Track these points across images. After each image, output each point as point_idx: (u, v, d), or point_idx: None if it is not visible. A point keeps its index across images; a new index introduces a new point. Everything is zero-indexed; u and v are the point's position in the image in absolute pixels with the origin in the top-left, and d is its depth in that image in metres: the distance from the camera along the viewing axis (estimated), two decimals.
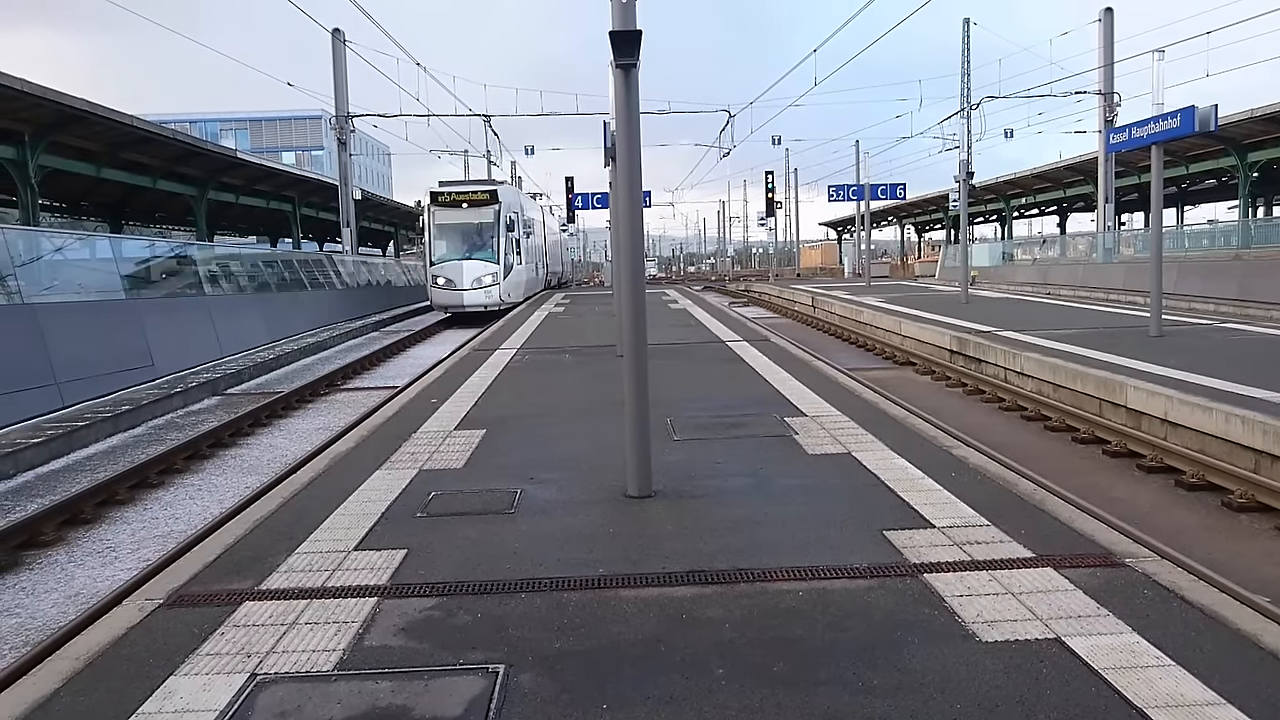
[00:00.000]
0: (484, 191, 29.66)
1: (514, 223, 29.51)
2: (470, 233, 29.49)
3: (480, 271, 28.73)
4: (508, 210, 29.51)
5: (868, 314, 23.16)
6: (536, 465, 7.57)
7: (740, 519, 5.96)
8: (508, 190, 30.83)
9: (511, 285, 29.85)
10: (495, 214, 29.23)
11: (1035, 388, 13.11)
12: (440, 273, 29.16)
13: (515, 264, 30.17)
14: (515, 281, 30.32)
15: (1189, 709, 3.50)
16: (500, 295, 28.90)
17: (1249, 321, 18.72)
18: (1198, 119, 13.63)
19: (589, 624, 4.44)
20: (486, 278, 28.65)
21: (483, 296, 28.69)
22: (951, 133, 49.33)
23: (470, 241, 29.32)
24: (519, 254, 30.66)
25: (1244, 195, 35.34)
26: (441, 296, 29.34)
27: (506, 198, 29.97)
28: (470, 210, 29.32)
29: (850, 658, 4.00)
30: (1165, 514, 7.99)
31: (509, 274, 29.50)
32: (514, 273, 30.02)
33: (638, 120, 6.61)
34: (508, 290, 29.41)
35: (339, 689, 3.85)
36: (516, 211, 30.57)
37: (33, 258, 17.48)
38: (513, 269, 29.88)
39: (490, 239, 29.18)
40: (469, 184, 31.16)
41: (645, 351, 6.73)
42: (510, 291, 29.62)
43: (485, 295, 28.66)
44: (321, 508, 6.50)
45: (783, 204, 65.35)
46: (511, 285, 29.85)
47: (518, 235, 30.34)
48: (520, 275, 30.97)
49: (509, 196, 30.45)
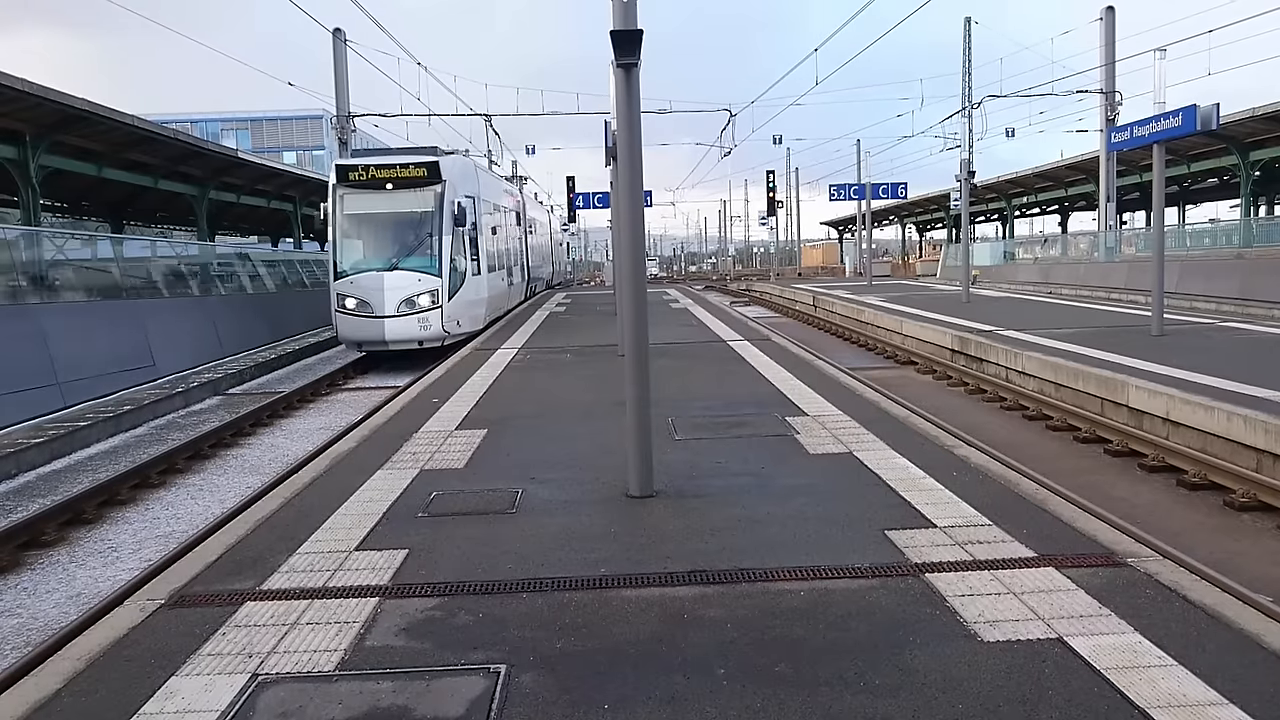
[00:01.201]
0: (418, 165, 18.54)
1: (465, 212, 18.59)
2: (396, 229, 18.76)
3: (411, 289, 18.05)
4: (456, 193, 18.68)
5: (869, 313, 23.15)
6: (538, 465, 7.57)
7: (742, 519, 5.96)
8: (457, 164, 19.69)
9: (463, 307, 19.04)
10: (436, 199, 18.38)
11: (1037, 387, 13.10)
12: (349, 291, 18.13)
13: (471, 273, 19.42)
14: (470, 300, 19.46)
15: (1191, 709, 3.50)
16: (443, 324, 18.26)
17: (1251, 321, 18.70)
18: (1199, 118, 13.61)
19: (590, 624, 4.44)
20: (422, 298, 18.02)
21: (415, 327, 18.08)
22: (953, 132, 49.41)
23: (396, 242, 18.61)
24: (477, 258, 19.88)
25: (1246, 194, 35.27)
26: (351, 327, 18.37)
27: (454, 174, 18.98)
28: (397, 195, 18.54)
29: (852, 657, 4.00)
30: (1167, 513, 7.98)
31: (459, 290, 18.75)
32: (468, 288, 19.24)
33: (639, 119, 6.61)
34: (457, 315, 18.74)
35: (340, 689, 3.85)
36: (471, 195, 19.77)
37: (34, 258, 17.49)
38: (465, 283, 19.08)
39: (427, 238, 18.37)
40: (396, 154, 19.65)
41: (646, 351, 6.73)
42: (462, 316, 19.04)
43: (420, 325, 18.08)
44: (323, 508, 6.50)
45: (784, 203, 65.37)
46: (463, 307, 19.04)
47: (473, 229, 19.59)
48: (479, 289, 20.10)
49: (459, 172, 19.43)
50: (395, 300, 17.93)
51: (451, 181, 18.59)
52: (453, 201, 18.32)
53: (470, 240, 19.47)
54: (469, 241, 19.39)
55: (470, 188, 19.96)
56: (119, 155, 22.76)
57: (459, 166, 19.76)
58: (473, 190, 20.09)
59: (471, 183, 20.37)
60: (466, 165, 20.79)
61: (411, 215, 18.61)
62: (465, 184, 19.57)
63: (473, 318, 19.75)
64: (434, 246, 18.33)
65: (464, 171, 20.04)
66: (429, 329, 18.17)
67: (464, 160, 21.04)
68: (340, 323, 18.50)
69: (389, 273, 18.11)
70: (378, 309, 17.91)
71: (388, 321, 17.95)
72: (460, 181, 19.18)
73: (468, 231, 19.16)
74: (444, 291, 18.20)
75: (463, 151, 23.51)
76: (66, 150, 20.62)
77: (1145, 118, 15.23)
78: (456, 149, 24.72)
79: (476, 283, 19.89)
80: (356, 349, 19.18)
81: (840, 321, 25.52)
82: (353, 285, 18.11)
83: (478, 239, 19.99)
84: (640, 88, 6.50)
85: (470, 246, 19.52)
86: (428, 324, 18.14)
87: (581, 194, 28.45)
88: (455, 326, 18.66)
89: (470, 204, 19.26)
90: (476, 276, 19.84)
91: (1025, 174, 46.88)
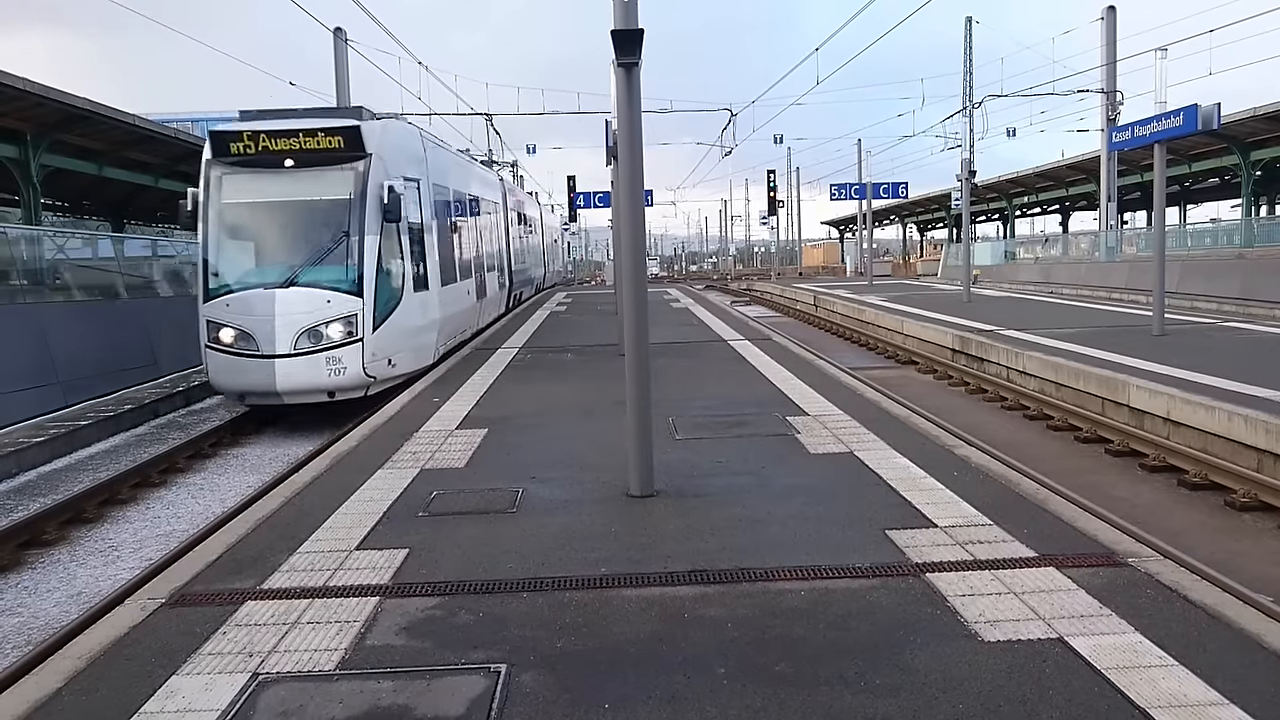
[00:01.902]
0: (330, 133, 12.67)
1: (401, 202, 12.70)
2: (296, 225, 12.86)
3: (315, 314, 12.20)
4: (388, 173, 12.86)
5: (870, 313, 23.14)
6: (538, 464, 7.57)
7: (742, 518, 5.96)
8: (392, 133, 13.86)
9: (399, 337, 13.07)
10: (357, 182, 12.61)
11: (1038, 387, 13.09)
12: (225, 316, 12.34)
13: (412, 287, 13.49)
14: (411, 327, 13.38)
15: (1192, 709, 3.49)
16: (366, 364, 12.41)
17: (1252, 320, 18.69)
18: (1200, 117, 13.61)
19: (591, 623, 4.44)
20: (332, 328, 12.22)
21: (322, 371, 12.23)
22: (954, 131, 49.47)
23: (296, 245, 12.67)
24: (422, 265, 13.99)
25: (1247, 194, 35.28)
26: (227, 370, 12.42)
27: (387, 147, 13.22)
28: (300, 176, 12.73)
29: (852, 657, 4.00)
30: (1168, 513, 7.98)
31: (393, 313, 12.90)
32: (407, 309, 13.26)
33: (640, 119, 6.61)
34: (389, 349, 12.83)
35: (341, 688, 3.85)
36: (415, 177, 14.05)
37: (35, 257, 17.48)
38: (404, 301, 13.18)
39: (343, 239, 12.52)
40: (300, 117, 13.24)
41: (647, 350, 6.73)
42: (399, 350, 13.05)
43: (329, 368, 12.25)
44: (323, 507, 6.50)
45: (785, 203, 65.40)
46: (399, 337, 13.07)
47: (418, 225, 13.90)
48: (426, 309, 13.97)
49: (394, 145, 13.69)
50: (291, 331, 11.84)
51: (381, 157, 12.64)
52: (381, 185, 12.36)
53: (414, 241, 13.40)
54: (411, 243, 13.29)
55: (414, 167, 14.03)
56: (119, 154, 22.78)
57: (395, 137, 13.64)
58: (417, 170, 14.14)
59: (415, 160, 14.25)
60: (406, 136, 14.53)
61: (319, 206, 12.50)
62: (405, 161, 13.69)
63: (417, 349, 13.49)
64: (353, 251, 12.20)
65: (402, 144, 13.99)
66: (344, 373, 12.07)
67: (402, 128, 14.77)
68: (212, 363, 12.27)
69: (283, 290, 11.95)
70: (265, 344, 11.80)
71: (281, 364, 11.79)
72: (396, 157, 13.27)
73: (408, 228, 13.21)
74: (366, 316, 12.14)
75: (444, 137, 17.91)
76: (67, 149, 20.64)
77: (1146, 117, 15.23)
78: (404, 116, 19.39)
79: (423, 301, 13.66)
80: (237, 400, 13.05)
81: (841, 321, 25.52)
82: (230, 308, 12.09)
83: (426, 238, 13.99)
84: (641, 87, 6.51)
85: (414, 249, 13.39)
86: (341, 366, 12.03)
87: (582, 193, 28.40)
88: (386, 367, 12.62)
89: (413, 190, 13.60)
90: (422, 292, 13.66)
91: (1026, 173, 46.88)
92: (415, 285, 13.49)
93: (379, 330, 12.47)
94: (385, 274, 12.74)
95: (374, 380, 12.65)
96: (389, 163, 12.92)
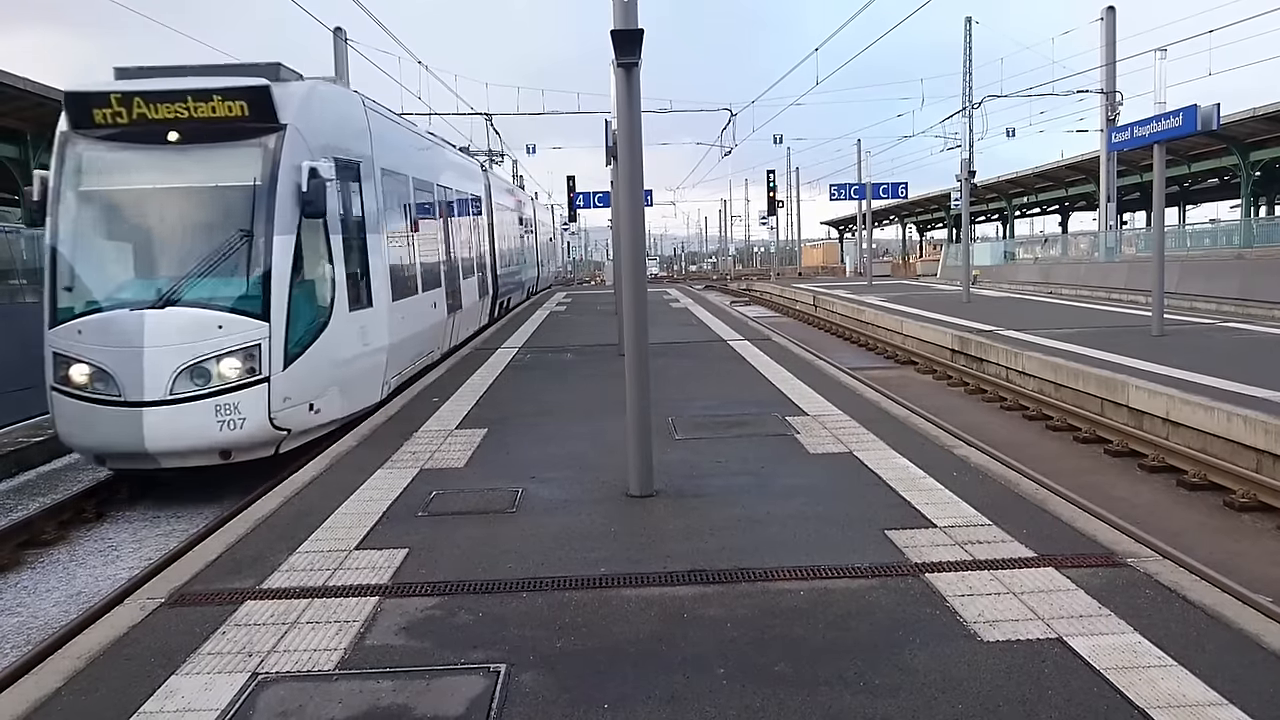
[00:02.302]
0: (229, 96, 9.00)
1: (323, 191, 9.04)
2: (180, 222, 9.20)
3: (201, 344, 8.55)
4: (312, 152, 9.26)
5: (869, 313, 23.15)
6: (538, 464, 7.57)
7: (742, 518, 5.96)
8: (317, 99, 9.90)
9: (329, 372, 9.47)
10: (266, 164, 9.04)
11: (1037, 387, 13.10)
12: (78, 347, 8.63)
13: (349, 305, 9.92)
14: (344, 357, 9.79)
15: (1191, 709, 3.50)
16: (274, 413, 8.81)
17: (1251, 321, 18.69)
18: (1200, 118, 13.62)
19: (590, 623, 4.44)
20: (226, 363, 8.61)
21: (211, 425, 8.57)
22: (953, 131, 49.49)
23: (179, 249, 9.05)
24: (362, 271, 10.38)
25: (1246, 194, 35.30)
26: (80, 421, 8.68)
27: (310, 116, 9.55)
28: (187, 155, 9.09)
29: (852, 657, 4.00)
30: (1167, 513, 7.98)
31: (318, 339, 9.32)
32: (339, 334, 9.67)
33: (639, 119, 6.61)
34: (314, 389, 9.27)
35: (340, 688, 3.85)
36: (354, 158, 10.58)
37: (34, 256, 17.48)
38: (333, 324, 9.58)
39: (242, 241, 8.91)
40: (190, 75, 9.34)
41: (647, 350, 6.73)
42: (327, 391, 9.46)
43: (222, 419, 8.59)
44: (323, 507, 6.51)
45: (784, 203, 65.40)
46: (329, 372, 9.47)
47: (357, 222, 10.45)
48: (368, 333, 10.38)
49: (322, 114, 9.93)
50: (167, 368, 8.45)
51: (301, 130, 9.17)
52: (300, 168, 8.92)
53: (351, 242, 10.03)
54: (347, 245, 9.90)
55: (352, 145, 10.54)
56: None
57: (324, 104, 9.97)
58: (358, 149, 10.66)
59: (354, 136, 10.74)
60: (342, 104, 10.76)
61: (212, 195, 9.07)
62: (339, 137, 10.13)
63: (353, 386, 9.96)
64: (257, 256, 8.81)
65: (335, 114, 10.36)
66: (242, 425, 8.64)
67: (337, 94, 10.77)
68: (60, 411, 8.83)
69: (157, 312, 8.56)
70: (130, 386, 8.43)
71: (152, 414, 8.43)
72: (325, 131, 9.70)
73: (343, 226, 9.81)
74: (275, 346, 8.73)
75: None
76: None
77: (1146, 118, 15.24)
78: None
79: (363, 321, 10.15)
80: (96, 462, 9.31)
81: (840, 321, 25.52)
82: (85, 336, 8.63)
83: (371, 239, 10.58)
84: (641, 87, 6.51)
85: (350, 253, 10.00)
86: (237, 416, 8.61)
87: (582, 193, 28.38)
88: (306, 414, 9.14)
89: (350, 175, 10.22)
90: (362, 310, 10.14)
91: (1026, 174, 46.89)
92: (352, 300, 9.82)
93: (295, 364, 8.84)
94: (305, 287, 9.17)
95: (286, 433, 8.94)
96: (313, 137, 9.30)
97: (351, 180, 10.33)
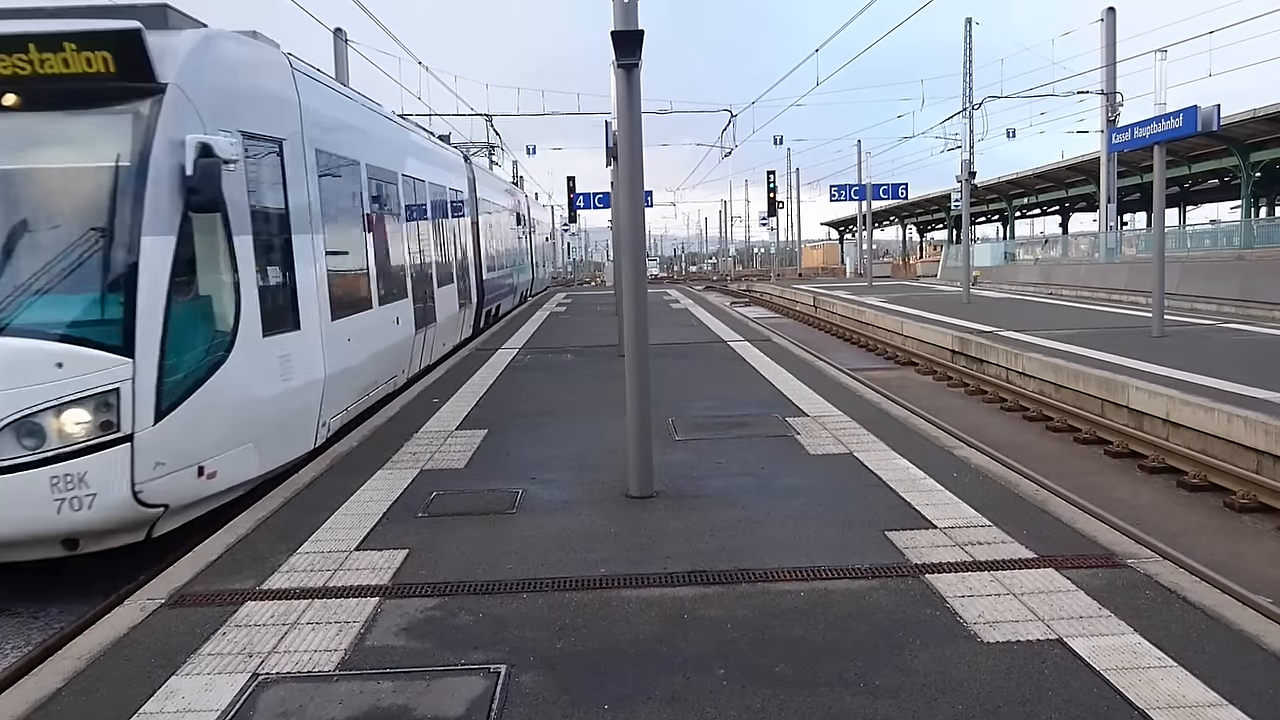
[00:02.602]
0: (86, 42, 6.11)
1: (215, 175, 6.37)
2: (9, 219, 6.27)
3: (33, 389, 5.72)
4: (201, 122, 6.53)
5: (869, 314, 23.15)
6: (538, 465, 7.58)
7: (742, 519, 5.96)
8: (215, 49, 7.08)
9: (225, 419, 6.68)
10: (135, 136, 6.27)
11: (1037, 388, 13.10)
12: None
13: (257, 330, 7.06)
14: (251, 399, 6.98)
15: (1191, 710, 3.50)
16: (141, 484, 6.00)
17: (1251, 322, 18.69)
18: (1200, 119, 13.63)
19: (590, 624, 4.44)
20: (67, 416, 5.79)
21: (45, 503, 5.75)
22: (953, 132, 49.52)
23: (4, 256, 6.12)
24: (285, 283, 7.69)
25: (1246, 195, 35.30)
26: None
27: (203, 74, 6.78)
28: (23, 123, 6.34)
29: (852, 658, 4.00)
30: (1167, 515, 7.99)
31: (206, 381, 6.50)
32: (237, 371, 6.77)
33: (639, 120, 6.62)
34: (202, 444, 6.46)
35: (341, 689, 3.85)
36: (272, 135, 7.73)
37: None
38: (231, 357, 6.74)
39: (97, 241, 6.12)
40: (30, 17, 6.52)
41: (647, 351, 6.74)
42: (221, 449, 6.61)
43: (61, 496, 5.77)
44: (323, 507, 6.51)
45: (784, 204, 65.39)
46: (225, 419, 6.68)
47: (264, 214, 7.50)
48: (294, 364, 7.63)
49: (222, 69, 7.14)
50: None
51: (187, 91, 6.63)
52: (181, 145, 6.41)
53: (262, 245, 7.46)
54: (260, 248, 7.40)
55: (269, 116, 7.91)
56: None
57: (221, 60, 7.34)
58: (279, 123, 8.06)
59: (273, 106, 8.10)
60: (253, 61, 8.04)
61: (59, 180, 6.59)
62: (246, 104, 7.55)
63: (269, 437, 7.39)
64: (115, 265, 6.21)
65: (240, 74, 7.67)
66: (91, 503, 5.96)
67: (246, 49, 7.97)
68: None
69: None
70: None
71: None
72: (224, 96, 7.15)
73: (254, 222, 7.33)
74: (142, 389, 6.09)
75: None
76: None
77: (1146, 119, 15.25)
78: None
79: (285, 349, 7.64)
80: None
81: (840, 322, 25.53)
82: None
83: (298, 241, 8.05)
84: (641, 88, 6.52)
85: (263, 260, 7.47)
86: (84, 489, 5.92)
87: (582, 194, 28.39)
88: (194, 481, 6.54)
89: (268, 156, 7.76)
90: (283, 333, 7.64)
91: (1026, 175, 46.91)
92: (268, 322, 7.24)
93: (174, 414, 6.23)
94: (192, 306, 6.59)
95: (163, 510, 6.30)
96: (207, 104, 6.69)
97: (269, 164, 7.66)
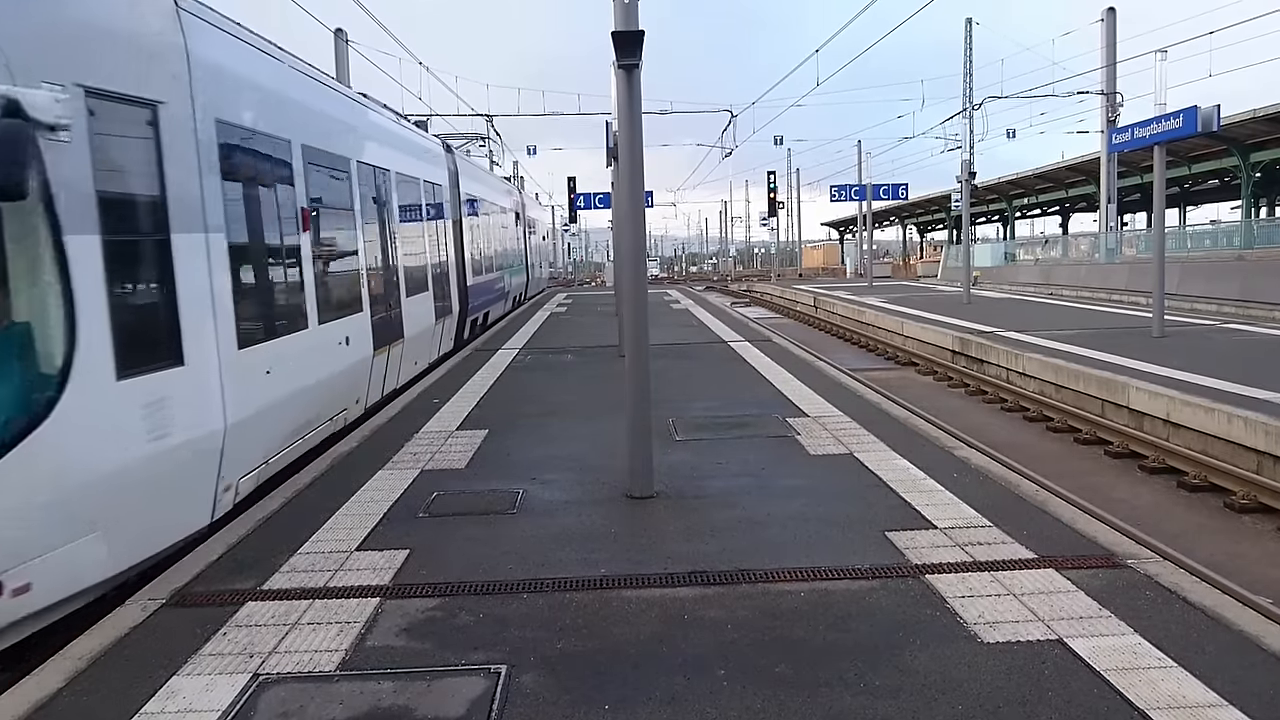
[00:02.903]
0: None
1: (18, 145, 4.21)
2: None
3: None
4: (13, 67, 4.30)
5: (870, 314, 23.15)
6: (538, 466, 7.58)
7: (742, 520, 5.96)
8: None
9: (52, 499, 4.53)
10: None
11: (1037, 388, 13.10)
12: None
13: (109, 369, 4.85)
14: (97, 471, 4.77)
15: (1191, 710, 3.50)
16: None
17: (1251, 322, 18.69)
18: (1200, 119, 13.63)
19: (591, 624, 4.44)
20: None
21: None
22: (954, 133, 49.46)
23: None
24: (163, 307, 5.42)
25: (1247, 195, 35.28)
26: None
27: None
28: None
29: (852, 658, 4.01)
30: (1167, 515, 7.99)
31: (13, 450, 4.31)
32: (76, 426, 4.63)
33: (640, 120, 6.62)
34: (9, 541, 4.31)
35: (341, 689, 3.86)
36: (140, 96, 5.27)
37: None
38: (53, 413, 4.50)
39: None
40: None
41: (647, 352, 6.74)
42: (40, 550, 4.45)
43: None
44: (324, 508, 6.51)
45: (785, 204, 65.37)
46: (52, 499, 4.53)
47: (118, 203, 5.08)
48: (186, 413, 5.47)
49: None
50: None
51: None
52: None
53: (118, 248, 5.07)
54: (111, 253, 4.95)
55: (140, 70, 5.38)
56: None
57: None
58: (153, 79, 5.49)
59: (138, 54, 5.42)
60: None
61: None
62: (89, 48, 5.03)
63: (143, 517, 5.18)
64: None
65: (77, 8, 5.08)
66: None
67: None
68: None
69: None
70: None
71: None
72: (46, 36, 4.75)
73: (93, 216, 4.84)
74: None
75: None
76: None
77: (1146, 119, 15.25)
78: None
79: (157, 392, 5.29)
80: None
81: (841, 322, 25.53)
82: None
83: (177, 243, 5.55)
84: (641, 88, 6.52)
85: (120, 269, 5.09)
86: None
87: (582, 194, 28.39)
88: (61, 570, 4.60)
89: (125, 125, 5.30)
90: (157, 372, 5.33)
91: (1026, 175, 46.89)
92: (126, 357, 5.07)
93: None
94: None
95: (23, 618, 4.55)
96: (15, 41, 4.57)
97: (137, 135, 5.44)
